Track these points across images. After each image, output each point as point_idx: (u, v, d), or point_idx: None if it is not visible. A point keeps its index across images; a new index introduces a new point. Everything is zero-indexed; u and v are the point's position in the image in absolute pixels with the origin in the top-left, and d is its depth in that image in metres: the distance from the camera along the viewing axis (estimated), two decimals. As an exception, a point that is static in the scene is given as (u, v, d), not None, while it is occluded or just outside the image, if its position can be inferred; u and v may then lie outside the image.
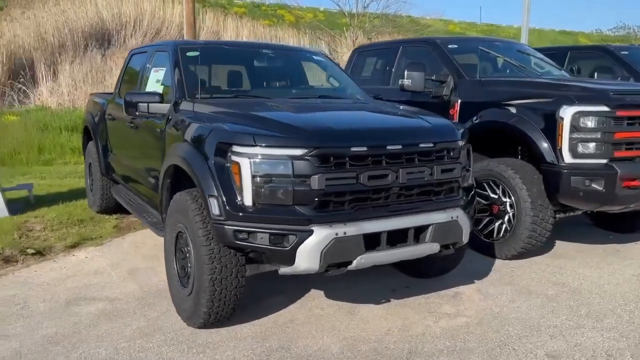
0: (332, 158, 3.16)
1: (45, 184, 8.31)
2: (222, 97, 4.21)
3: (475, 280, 4.51)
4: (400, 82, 5.71)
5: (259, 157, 3.11)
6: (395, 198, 3.40)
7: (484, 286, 4.40)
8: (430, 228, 3.48)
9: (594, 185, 4.53)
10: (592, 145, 4.53)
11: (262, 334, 3.52)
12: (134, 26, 29.38)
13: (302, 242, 3.10)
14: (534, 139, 4.71)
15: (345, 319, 3.76)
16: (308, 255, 3.11)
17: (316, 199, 3.13)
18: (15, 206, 6.50)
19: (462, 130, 3.83)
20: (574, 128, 4.51)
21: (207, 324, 3.49)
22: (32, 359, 3.19)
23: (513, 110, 4.92)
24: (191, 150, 3.43)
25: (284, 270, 3.25)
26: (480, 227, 5.16)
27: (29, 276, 4.54)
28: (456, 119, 5.49)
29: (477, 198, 5.08)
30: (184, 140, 3.59)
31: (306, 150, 3.11)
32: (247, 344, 3.37)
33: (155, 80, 4.66)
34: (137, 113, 4.11)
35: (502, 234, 5.00)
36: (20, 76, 18.45)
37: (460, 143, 3.72)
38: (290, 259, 3.14)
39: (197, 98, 4.01)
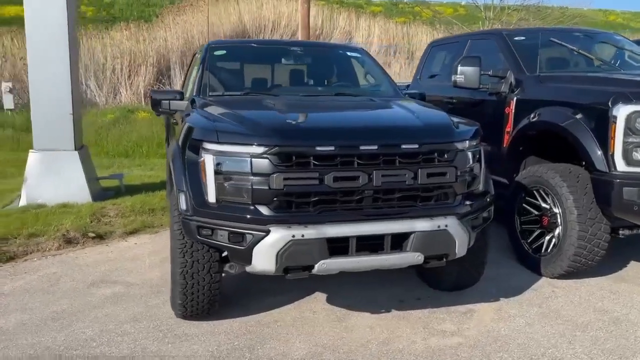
0: (294, 157, 3.05)
1: (147, 175, 9.06)
2: (232, 95, 4.26)
3: (501, 298, 4.07)
4: (453, 79, 5.32)
5: (221, 154, 3.10)
6: (370, 202, 3.18)
7: (507, 305, 3.95)
8: (412, 236, 3.21)
9: (654, 198, 3.84)
10: (654, 151, 3.84)
11: (239, 331, 3.51)
12: (272, 29, 30.83)
13: (258, 242, 3.03)
14: (583, 142, 4.10)
15: (330, 326, 3.61)
16: (264, 255, 3.04)
17: (275, 199, 3.04)
18: (104, 193, 7.19)
19: (464, 131, 3.47)
20: (630, 130, 3.85)
21: (186, 316, 3.57)
22: (30, 330, 3.52)
23: (568, 110, 4.33)
24: (176, 147, 3.53)
25: (248, 269, 3.22)
26: (530, 240, 4.64)
27: (77, 257, 5.00)
28: (511, 119, 4.98)
29: (528, 208, 4.62)
30: (178, 137, 3.70)
31: (266, 149, 3.03)
32: (218, 340, 3.39)
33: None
34: (160, 110, 4.32)
35: (550, 249, 4.44)
36: (161, 77, 20.30)
37: (460, 145, 3.37)
38: (247, 258, 3.09)
39: (210, 95, 4.11)
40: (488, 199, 3.63)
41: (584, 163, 4.56)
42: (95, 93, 19.79)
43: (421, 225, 3.21)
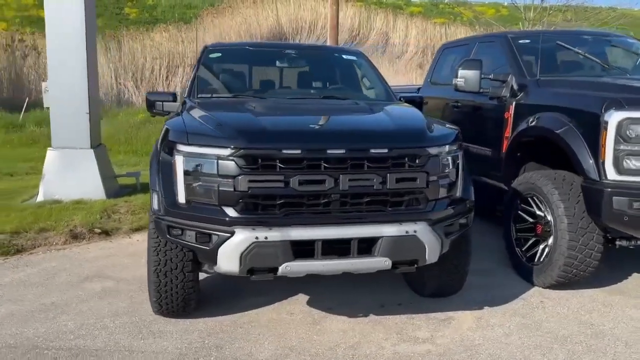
0: (259, 160, 3.08)
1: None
2: (220, 97, 4.32)
3: (486, 307, 3.99)
4: (453, 82, 5.25)
5: (191, 155, 3.16)
6: (338, 206, 3.18)
7: (489, 314, 3.87)
8: (380, 241, 3.19)
9: (645, 209, 3.69)
10: (645, 160, 3.69)
11: (212, 330, 3.57)
12: (309, 29, 30.95)
13: (223, 243, 3.08)
14: (575, 149, 3.98)
15: (303, 328, 3.63)
16: (228, 256, 3.08)
17: (241, 201, 3.08)
18: (121, 191, 7.41)
19: (439, 136, 3.43)
20: (621, 138, 3.71)
21: (162, 313, 3.66)
22: (16, 321, 3.68)
23: (563, 116, 4.21)
24: (154, 148, 3.62)
25: (215, 269, 3.27)
26: (525, 248, 4.53)
27: (79, 252, 5.19)
28: (510, 124, 4.88)
29: (523, 215, 4.52)
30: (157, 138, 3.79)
31: (232, 151, 3.08)
32: (190, 338, 3.46)
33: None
34: (154, 111, 4.43)
35: (542, 258, 4.33)
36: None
37: (433, 150, 3.32)
38: (213, 258, 3.14)
39: (197, 97, 4.19)
40: (466, 206, 3.57)
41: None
42: (132, 93, 20.35)
43: (389, 230, 3.19)
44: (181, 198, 3.20)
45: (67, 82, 6.70)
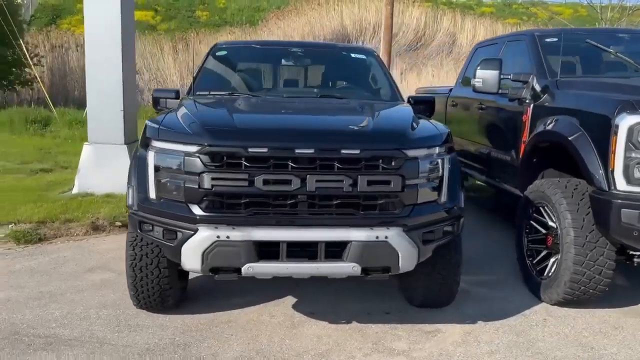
0: (225, 157, 3.03)
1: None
2: (215, 95, 4.30)
3: (480, 321, 3.75)
4: (472, 83, 4.99)
5: (161, 151, 3.17)
6: (305, 207, 3.07)
7: (481, 329, 3.63)
8: (349, 246, 3.06)
9: (657, 225, 3.33)
10: (660, 169, 3.33)
11: (188, 327, 3.55)
12: (373, 31, 30.74)
13: (186, 240, 3.06)
14: (583, 155, 3.66)
15: (280, 331, 3.54)
16: (191, 254, 3.05)
17: (205, 199, 3.04)
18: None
19: (419, 138, 3.25)
20: (632, 145, 3.37)
21: (141, 307, 3.69)
22: (10, 306, 3.82)
23: (575, 119, 3.89)
24: (137, 145, 3.66)
25: (181, 266, 3.24)
26: (536, 260, 4.23)
27: (94, 243, 5.35)
28: (527, 128, 4.57)
29: (536, 225, 4.23)
30: None
31: (198, 148, 3.04)
32: (163, 334, 3.45)
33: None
34: (158, 107, 4.49)
35: (551, 272, 4.01)
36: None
37: (411, 152, 3.14)
38: (177, 255, 3.12)
39: (196, 94, 4.21)
40: (452, 213, 3.36)
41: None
42: (194, 92, 20.93)
43: (358, 234, 3.05)
44: (152, 194, 3.21)
45: (103, 79, 6.94)
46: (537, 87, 4.59)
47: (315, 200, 3.06)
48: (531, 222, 4.27)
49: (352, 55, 4.86)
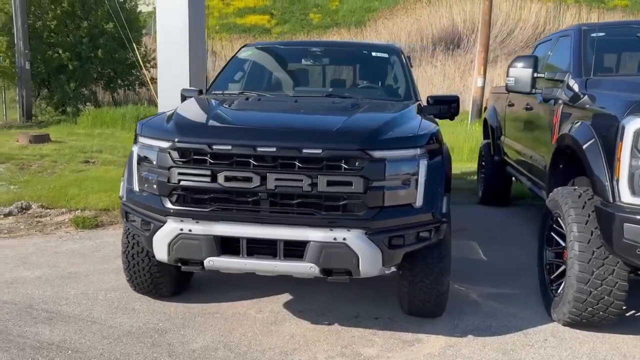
0: (191, 153, 3.15)
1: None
2: (225, 94, 4.40)
3: (471, 335, 3.53)
4: (506, 81, 4.67)
5: (143, 146, 3.36)
6: (267, 205, 3.10)
7: (466, 344, 3.41)
8: (308, 246, 3.04)
9: (664, 243, 2.92)
10: (668, 179, 2.92)
11: (175, 315, 3.72)
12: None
13: (156, 231, 3.22)
14: (591, 161, 3.30)
15: (257, 327, 3.58)
16: (159, 245, 3.20)
17: (174, 192, 3.18)
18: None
19: (390, 139, 3.13)
20: (637, 151, 2.98)
21: (139, 292, 3.92)
22: (39, 282, 4.23)
23: (592, 122, 3.51)
24: None
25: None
26: (554, 275, 3.88)
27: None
28: (556, 131, 4.20)
29: (556, 237, 3.90)
30: None
31: (169, 144, 3.19)
32: (149, 319, 3.64)
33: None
34: None
35: (561, 289, 3.66)
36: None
37: (377, 154, 3.04)
38: (150, 245, 3.29)
39: (211, 93, 4.39)
40: (429, 218, 3.19)
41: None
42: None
43: (316, 235, 3.02)
44: (135, 186, 3.41)
45: (171, 79, 7.44)
46: (570, 87, 4.19)
47: (276, 198, 3.07)
48: (551, 233, 3.92)
49: (373, 54, 4.75)
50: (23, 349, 3.24)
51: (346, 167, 3.02)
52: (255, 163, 3.06)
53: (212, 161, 3.11)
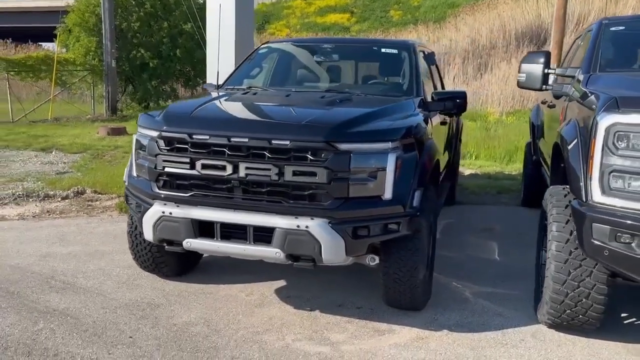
0: (175, 142, 3.40)
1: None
2: (233, 88, 4.62)
3: (446, 329, 3.54)
4: (517, 77, 4.56)
5: (139, 135, 3.68)
6: (240, 192, 3.29)
7: (437, 338, 3.43)
8: (275, 232, 3.21)
9: (632, 244, 2.80)
10: (638, 179, 2.80)
11: (172, 293, 4.01)
12: (577, 22, 28.09)
13: (145, 213, 3.51)
14: (570, 160, 3.21)
15: (241, 308, 3.79)
16: (146, 225, 3.49)
17: (160, 178, 3.46)
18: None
19: (355, 132, 3.22)
20: (608, 149, 2.88)
21: (145, 270, 4.24)
22: (69, 257, 4.69)
23: (579, 119, 3.39)
24: None
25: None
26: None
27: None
28: (562, 126, 4.06)
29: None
30: None
31: (157, 133, 3.47)
32: (147, 294, 3.96)
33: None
34: None
35: (547, 290, 3.57)
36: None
37: (343, 146, 3.14)
38: (140, 226, 3.59)
39: (224, 88, 4.66)
40: (397, 210, 3.25)
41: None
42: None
43: (281, 222, 3.19)
44: (134, 172, 3.74)
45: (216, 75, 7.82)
46: (577, 83, 4.04)
47: (248, 186, 3.26)
48: (543, 233, 3.82)
49: (382, 50, 4.78)
50: (31, 312, 3.65)
51: (312, 158, 3.15)
52: (230, 152, 3.27)
53: (191, 150, 3.35)
